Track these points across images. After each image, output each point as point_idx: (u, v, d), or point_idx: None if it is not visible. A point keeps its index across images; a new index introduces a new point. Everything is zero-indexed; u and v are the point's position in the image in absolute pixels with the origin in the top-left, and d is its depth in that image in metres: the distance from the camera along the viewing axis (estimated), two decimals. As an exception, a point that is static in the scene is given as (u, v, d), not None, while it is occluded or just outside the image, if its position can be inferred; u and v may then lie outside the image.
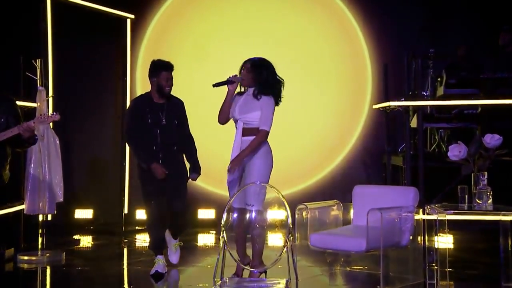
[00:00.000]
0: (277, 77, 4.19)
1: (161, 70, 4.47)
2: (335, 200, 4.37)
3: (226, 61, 7.14)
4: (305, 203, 4.12)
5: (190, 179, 4.58)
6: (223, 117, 4.16)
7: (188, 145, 4.61)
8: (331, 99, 7.28)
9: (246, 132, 4.08)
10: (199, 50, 7.25)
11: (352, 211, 4.41)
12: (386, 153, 6.46)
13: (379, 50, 7.18)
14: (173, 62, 6.93)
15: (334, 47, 7.28)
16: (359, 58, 7.26)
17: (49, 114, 4.01)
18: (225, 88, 4.14)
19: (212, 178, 7.05)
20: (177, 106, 4.59)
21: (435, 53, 6.53)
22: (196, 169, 4.57)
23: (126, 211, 7.01)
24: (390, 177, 6.38)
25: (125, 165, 7.04)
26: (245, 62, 4.21)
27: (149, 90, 4.57)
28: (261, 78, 4.11)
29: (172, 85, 4.50)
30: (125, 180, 7.02)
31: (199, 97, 7.08)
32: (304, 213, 4.11)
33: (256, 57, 4.24)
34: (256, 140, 4.03)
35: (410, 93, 6.21)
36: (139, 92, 7.17)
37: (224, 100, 4.16)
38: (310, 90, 7.27)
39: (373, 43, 7.23)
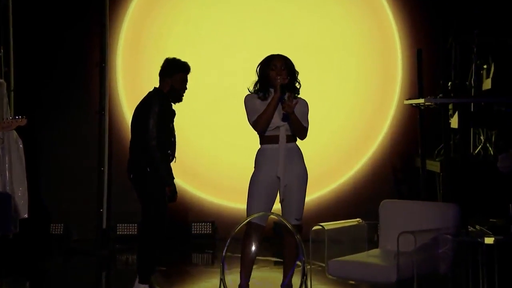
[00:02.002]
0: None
1: (177, 71, 4.64)
2: (358, 219, 4.40)
3: (223, 43, 7.14)
4: (321, 224, 4.15)
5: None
6: (267, 126, 4.31)
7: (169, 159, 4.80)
8: (352, 91, 7.23)
9: (289, 139, 4.33)
10: (192, 30, 7.20)
11: (378, 231, 4.43)
12: (420, 156, 6.42)
13: (411, 32, 7.13)
14: (162, 44, 7.10)
15: (356, 28, 7.21)
16: (387, 41, 7.19)
17: (13, 118, 3.95)
18: (223, 79, 4.14)
19: (208, 186, 7.10)
20: (174, 114, 4.78)
21: (481, 35, 6.40)
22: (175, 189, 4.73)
23: (104, 225, 6.99)
24: (424, 186, 6.36)
25: (104, 171, 7.03)
26: (281, 58, 4.34)
27: (157, 87, 4.70)
28: (296, 78, 4.36)
29: (186, 89, 4.69)
30: (104, 188, 7.01)
31: (193, 88, 7.02)
32: (320, 235, 4.14)
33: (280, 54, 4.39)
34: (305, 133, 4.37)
35: (449, 85, 6.10)
36: (121, 82, 7.16)
37: (269, 108, 4.28)
38: (327, 80, 7.22)
39: (405, 24, 7.17)
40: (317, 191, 7.04)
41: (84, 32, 7.19)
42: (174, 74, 4.62)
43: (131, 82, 7.04)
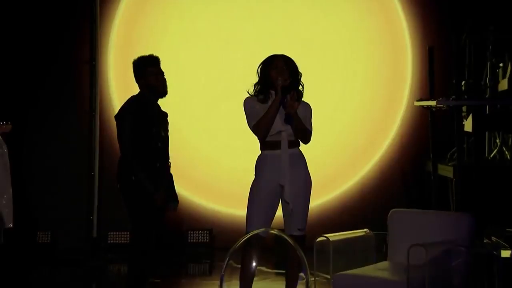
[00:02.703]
0: None
1: (145, 67, 4.62)
2: (365, 230, 4.41)
3: (221, 39, 7.14)
4: (326, 235, 4.15)
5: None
6: (268, 131, 4.30)
7: (165, 165, 4.77)
8: (359, 91, 7.22)
9: (292, 144, 4.33)
10: (188, 26, 7.20)
11: (387, 241, 4.42)
12: (431, 161, 6.41)
13: (422, 29, 7.13)
14: (155, 41, 7.10)
15: (363, 23, 7.21)
16: (396, 38, 7.19)
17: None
18: (221, 78, 4.15)
19: (205, 191, 7.10)
20: (166, 116, 4.76)
21: (496, 31, 6.38)
22: (175, 197, 4.78)
23: (95, 234, 7.00)
24: (436, 192, 6.36)
25: (94, 175, 7.03)
26: (283, 58, 4.34)
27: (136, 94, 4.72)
28: (299, 80, 4.36)
29: (165, 81, 4.66)
30: (94, 194, 7.02)
31: (189, 86, 7.10)
32: (325, 246, 4.17)
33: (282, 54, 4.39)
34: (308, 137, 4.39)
35: (463, 85, 6.10)
36: (112, 81, 7.18)
37: (270, 111, 4.27)
38: (332, 79, 7.21)
39: (415, 19, 7.17)
40: (320, 197, 7.03)
41: (73, 28, 7.18)
42: (144, 72, 4.61)
43: (123, 81, 6.99)
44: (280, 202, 4.32)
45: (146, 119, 4.59)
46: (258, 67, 4.37)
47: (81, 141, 7.11)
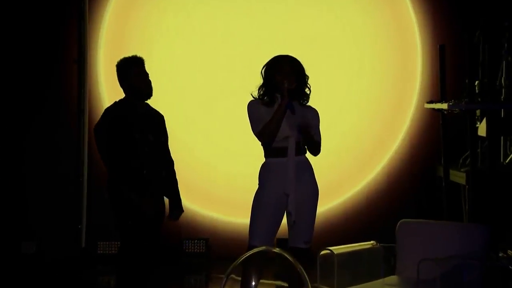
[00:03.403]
0: None
1: (128, 69, 4.67)
2: (372, 242, 4.43)
3: (219, 35, 7.12)
4: (330, 248, 4.17)
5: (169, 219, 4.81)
6: (274, 137, 4.34)
7: (170, 173, 4.82)
8: (365, 91, 7.21)
9: (299, 151, 4.37)
10: (184, 21, 7.18)
11: (395, 255, 4.42)
12: (443, 166, 6.41)
13: (433, 25, 7.12)
14: (149, 37, 7.08)
15: (370, 20, 7.19)
16: (406, 35, 7.18)
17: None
18: (218, 76, 4.18)
19: (201, 198, 7.08)
20: (159, 119, 4.78)
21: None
22: (178, 205, 4.79)
23: (83, 243, 6.98)
24: (447, 200, 6.36)
25: (83, 181, 7.02)
26: (288, 60, 4.37)
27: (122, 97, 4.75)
28: (305, 82, 4.40)
29: (149, 82, 4.68)
30: (83, 200, 6.99)
31: (184, 85, 7.12)
32: (329, 259, 4.18)
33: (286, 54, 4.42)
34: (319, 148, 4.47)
35: (476, 85, 6.09)
36: (103, 79, 7.15)
37: (276, 117, 4.29)
38: (337, 79, 7.20)
39: (426, 15, 7.16)
40: (324, 204, 6.96)
41: (60, 25, 7.16)
42: (128, 73, 4.66)
43: (114, 80, 6.77)
44: (285, 212, 4.33)
45: (126, 125, 4.59)
46: (262, 69, 4.39)
47: (69, 144, 7.09)
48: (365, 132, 7.21)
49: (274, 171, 4.30)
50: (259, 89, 4.37)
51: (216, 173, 7.11)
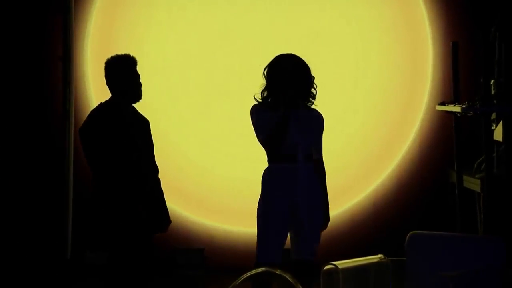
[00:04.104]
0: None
1: (118, 68, 4.70)
2: (380, 256, 4.32)
3: (214, 31, 7.12)
4: (334, 263, 4.06)
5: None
6: (280, 145, 4.38)
7: (154, 182, 4.84)
8: (372, 90, 7.22)
9: (307, 158, 4.48)
10: (177, 15, 7.17)
11: (405, 270, 4.43)
12: (456, 172, 6.41)
13: (445, 21, 7.14)
14: (139, 32, 7.08)
15: (377, 14, 7.20)
16: (416, 31, 7.20)
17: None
18: (214, 75, 4.20)
19: (196, 205, 7.09)
20: (145, 124, 4.81)
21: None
22: (166, 216, 4.85)
23: (69, 254, 6.99)
24: (461, 208, 6.36)
25: (69, 186, 7.01)
26: (292, 59, 4.38)
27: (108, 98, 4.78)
28: (311, 83, 4.44)
29: (140, 85, 4.71)
30: (69, 208, 6.99)
31: (177, 85, 7.15)
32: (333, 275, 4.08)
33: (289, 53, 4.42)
34: (324, 176, 4.65)
35: (492, 84, 6.09)
36: (91, 78, 7.15)
37: (280, 126, 4.32)
38: (342, 77, 7.20)
39: (438, 11, 7.17)
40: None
41: (43, 18, 7.17)
42: (118, 73, 4.70)
43: (102, 79, 6.88)
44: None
45: (115, 129, 4.61)
46: (264, 70, 4.39)
47: (53, 148, 7.10)
48: (371, 135, 7.22)
49: (282, 177, 4.37)
50: (262, 92, 4.39)
51: (212, 177, 7.12)
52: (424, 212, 7.04)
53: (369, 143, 7.21)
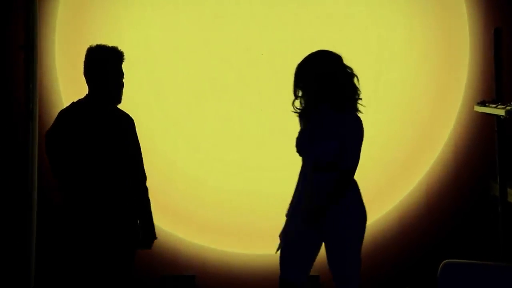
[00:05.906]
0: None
1: (103, 62, 4.80)
2: None
3: (206, 21, 7.18)
4: None
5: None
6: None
7: (141, 191, 4.94)
8: (397, 86, 7.26)
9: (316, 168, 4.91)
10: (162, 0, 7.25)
11: None
12: (499, 184, 6.45)
13: (486, 4, 7.16)
14: (118, 19, 7.12)
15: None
16: (451, 15, 7.22)
17: None
18: (209, 71, 4.19)
19: (186, 223, 7.15)
20: (127, 123, 4.95)
21: None
22: (151, 230, 5.05)
23: (32, 285, 7.02)
24: (504, 227, 6.40)
25: (32, 199, 7.01)
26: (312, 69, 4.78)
27: (83, 96, 4.87)
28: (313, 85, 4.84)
29: (122, 85, 4.86)
30: (32, 230, 7.01)
31: (163, 82, 7.25)
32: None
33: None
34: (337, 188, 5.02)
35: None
36: (59, 71, 7.20)
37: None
38: (361, 70, 7.04)
39: None
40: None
41: (1, 1, 7.20)
42: (102, 67, 4.82)
43: (72, 73, 7.02)
44: None
45: (87, 132, 4.69)
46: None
47: (14, 153, 7.12)
48: (395, 138, 7.25)
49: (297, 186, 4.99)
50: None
51: (205, 190, 7.15)
52: (459, 233, 7.06)
53: (393, 149, 7.24)
